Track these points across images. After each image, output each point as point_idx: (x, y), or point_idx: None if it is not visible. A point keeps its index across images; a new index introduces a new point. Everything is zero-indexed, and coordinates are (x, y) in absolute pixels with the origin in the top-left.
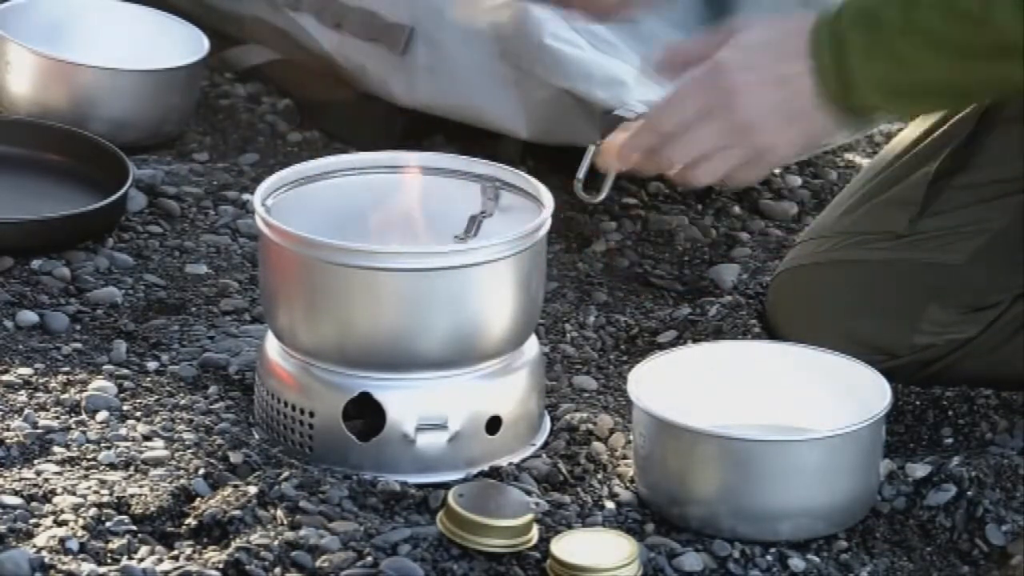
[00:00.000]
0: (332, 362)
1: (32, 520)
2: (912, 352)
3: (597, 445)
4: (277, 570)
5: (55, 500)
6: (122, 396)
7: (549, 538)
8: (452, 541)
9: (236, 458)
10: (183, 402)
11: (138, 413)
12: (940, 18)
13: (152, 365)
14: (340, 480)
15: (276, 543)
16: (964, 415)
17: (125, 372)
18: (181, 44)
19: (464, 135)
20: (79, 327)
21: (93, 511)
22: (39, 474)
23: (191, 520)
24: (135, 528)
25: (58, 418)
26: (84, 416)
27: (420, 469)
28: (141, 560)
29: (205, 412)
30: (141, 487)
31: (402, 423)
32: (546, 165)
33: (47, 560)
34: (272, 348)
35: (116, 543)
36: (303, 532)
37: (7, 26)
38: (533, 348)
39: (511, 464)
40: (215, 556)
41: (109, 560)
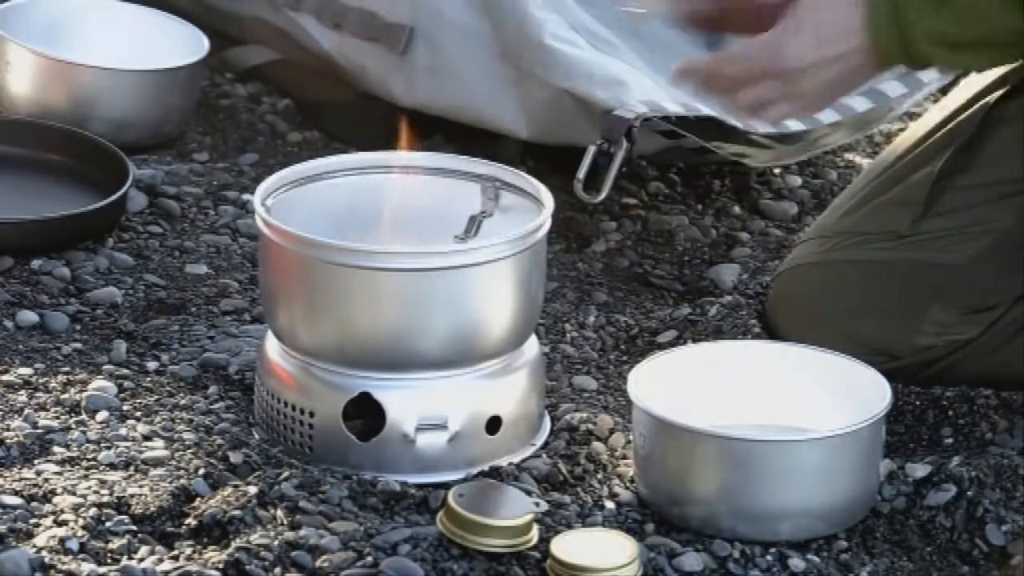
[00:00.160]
0: (332, 362)
1: (32, 520)
2: (913, 353)
3: (597, 445)
4: (277, 570)
5: (55, 500)
6: (122, 396)
7: (549, 538)
8: (452, 541)
9: (236, 458)
10: (183, 402)
11: (138, 413)
12: None
13: (152, 365)
14: (340, 480)
15: (276, 543)
16: (964, 415)
17: (125, 372)
18: (181, 44)
19: (464, 135)
20: (79, 327)
21: (93, 511)
22: (39, 474)
23: (191, 520)
24: (135, 528)
25: (58, 418)
26: (84, 416)
27: (420, 469)
28: (141, 560)
29: (205, 412)
30: (141, 487)
31: (402, 423)
32: (546, 165)
33: (47, 560)
34: (272, 348)
35: (116, 543)
36: (303, 532)
37: (7, 26)
38: (533, 348)
39: (511, 464)
40: (215, 556)
41: (109, 560)
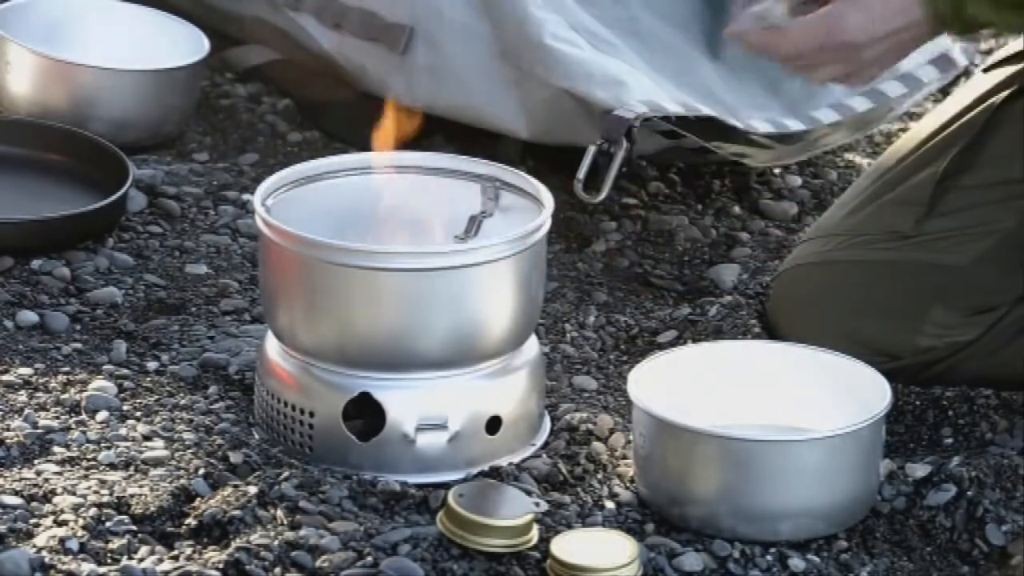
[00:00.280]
0: (332, 362)
1: (32, 520)
2: (913, 354)
3: (597, 445)
4: (277, 570)
5: (55, 500)
6: (122, 396)
7: (549, 538)
8: (452, 541)
9: (236, 458)
10: (183, 402)
11: (138, 413)
12: None
13: (152, 365)
14: (340, 480)
15: (276, 543)
16: (964, 415)
17: (125, 372)
18: (181, 44)
19: (464, 135)
20: (79, 327)
21: (93, 511)
22: (39, 474)
23: (191, 520)
24: (135, 528)
25: (58, 418)
26: (84, 416)
27: (420, 469)
28: (141, 560)
29: (205, 412)
30: (141, 487)
31: (402, 423)
32: (546, 165)
33: (47, 560)
34: (272, 348)
35: (116, 543)
36: (303, 532)
37: (7, 26)
38: (533, 348)
39: (511, 464)
40: (215, 556)
41: (109, 560)
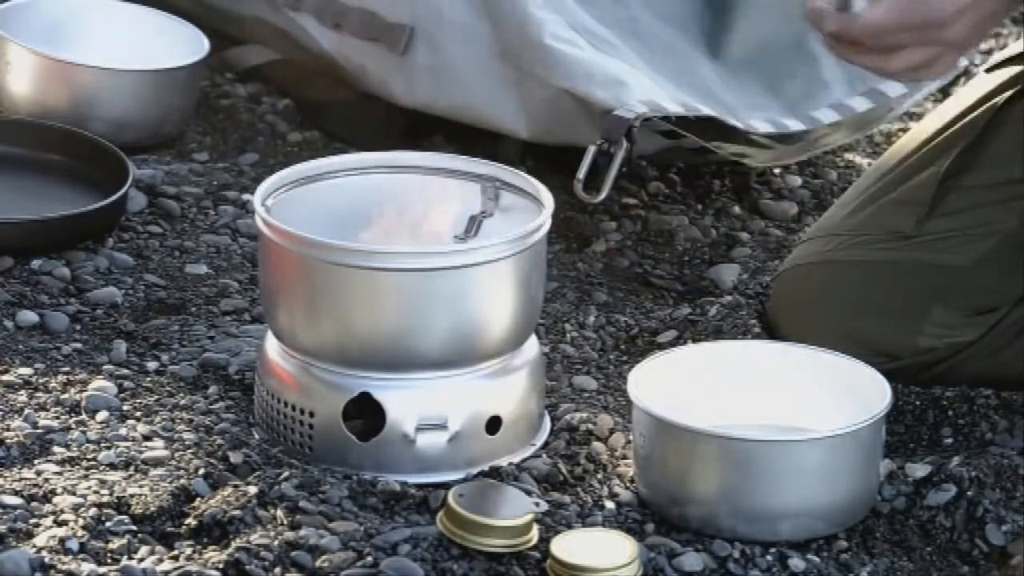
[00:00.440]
0: (332, 362)
1: (32, 520)
2: (914, 355)
3: (597, 445)
4: (277, 570)
5: (55, 500)
6: (122, 396)
7: (549, 538)
8: (452, 541)
9: (236, 458)
10: (183, 402)
11: (138, 413)
12: None
13: (152, 365)
14: (340, 480)
15: (276, 543)
16: (964, 415)
17: (125, 372)
18: (181, 44)
19: (464, 135)
20: (79, 327)
21: (93, 511)
22: (39, 474)
23: (191, 520)
24: (135, 528)
25: (58, 418)
26: (84, 416)
27: (420, 469)
28: (141, 560)
29: (205, 412)
30: (141, 487)
31: (402, 423)
32: (546, 165)
33: (47, 560)
34: (272, 348)
35: (116, 543)
36: (303, 532)
37: (7, 26)
38: (533, 348)
39: (511, 464)
40: (215, 556)
41: (109, 560)
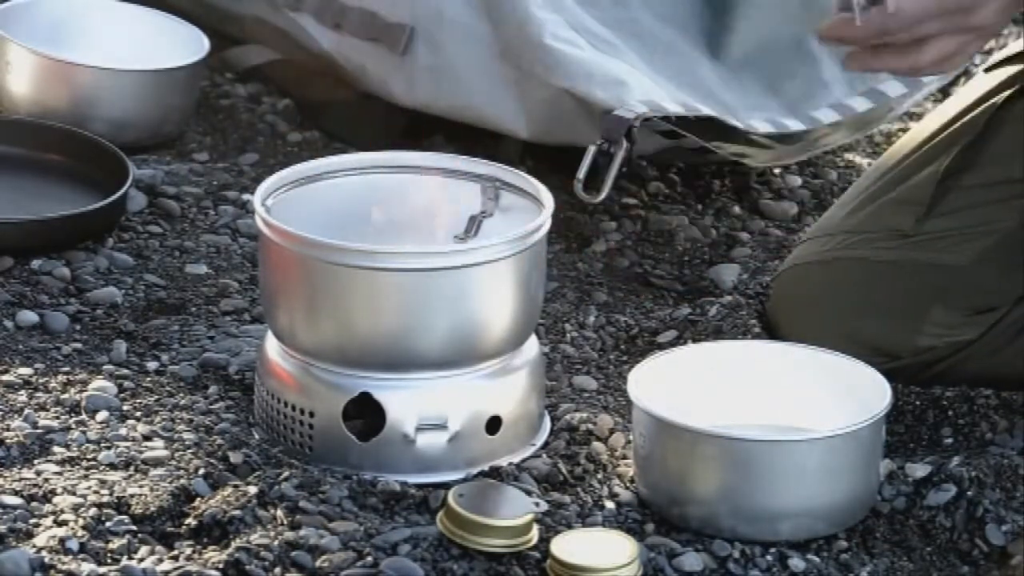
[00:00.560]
0: (332, 362)
1: (32, 520)
2: (913, 354)
3: (597, 445)
4: (277, 570)
5: (55, 500)
6: (122, 396)
7: (549, 538)
8: (452, 541)
9: (236, 458)
10: (183, 402)
11: (138, 413)
12: None
13: (152, 365)
14: (340, 480)
15: (276, 543)
16: (964, 415)
17: (125, 372)
18: (181, 44)
19: (464, 135)
20: (79, 327)
21: (93, 511)
22: (39, 474)
23: (191, 520)
24: (135, 528)
25: (58, 418)
26: (84, 416)
27: (420, 469)
28: (141, 560)
29: (205, 412)
30: (141, 487)
31: (402, 423)
32: (546, 165)
33: (47, 560)
34: (272, 348)
35: (116, 543)
36: (303, 532)
37: (7, 26)
38: (533, 348)
39: (511, 464)
40: (215, 556)
41: (109, 560)
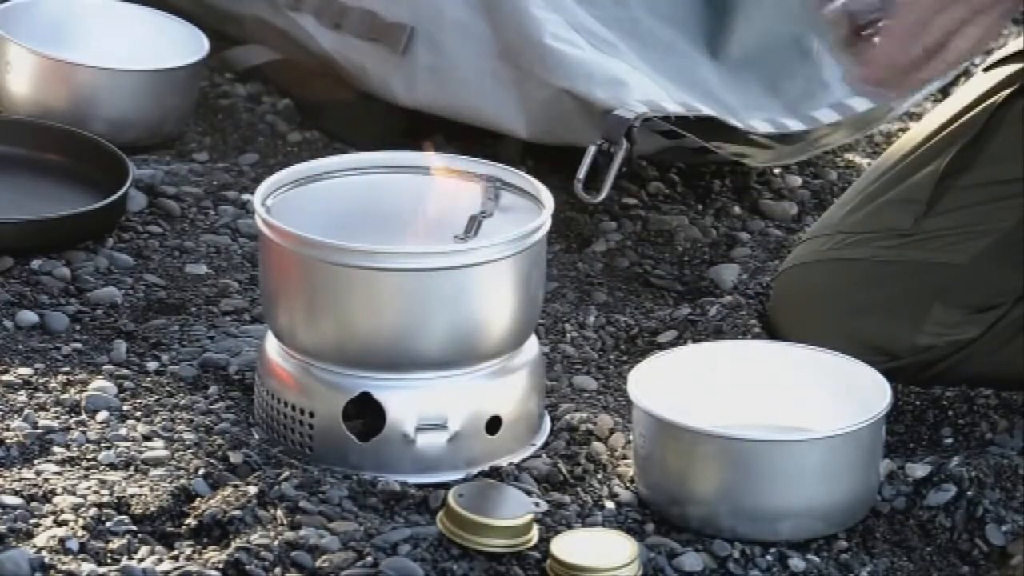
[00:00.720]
0: (332, 362)
1: (32, 520)
2: (913, 353)
3: (597, 445)
4: (277, 570)
5: (55, 500)
6: (122, 396)
7: (549, 538)
8: (452, 541)
9: (236, 458)
10: (183, 402)
11: (138, 413)
12: None
13: (152, 365)
14: (340, 480)
15: (276, 543)
16: (964, 415)
17: (125, 372)
18: (181, 44)
19: (464, 135)
20: (79, 327)
21: (93, 511)
22: (39, 474)
23: (191, 520)
24: (135, 528)
25: (58, 418)
26: (84, 416)
27: (420, 469)
28: (141, 560)
29: (205, 412)
30: (141, 487)
31: (402, 423)
32: (546, 165)
33: (47, 560)
34: (272, 348)
35: (116, 543)
36: (303, 532)
37: (7, 26)
38: (533, 348)
39: (511, 464)
40: (215, 556)
41: (109, 560)
